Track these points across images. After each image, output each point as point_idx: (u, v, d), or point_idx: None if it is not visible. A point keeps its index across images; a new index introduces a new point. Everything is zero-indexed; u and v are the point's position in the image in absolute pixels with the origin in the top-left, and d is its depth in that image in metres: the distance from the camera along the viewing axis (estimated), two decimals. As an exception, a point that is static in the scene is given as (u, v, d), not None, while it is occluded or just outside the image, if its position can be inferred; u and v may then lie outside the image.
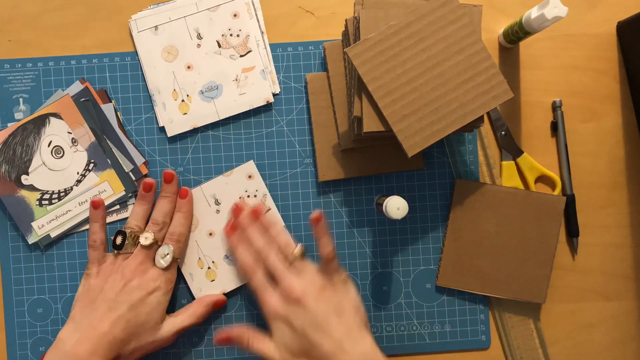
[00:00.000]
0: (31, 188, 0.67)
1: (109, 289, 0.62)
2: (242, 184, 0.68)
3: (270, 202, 0.69)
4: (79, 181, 0.67)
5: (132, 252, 0.65)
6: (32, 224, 0.67)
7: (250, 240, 0.65)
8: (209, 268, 0.68)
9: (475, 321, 0.70)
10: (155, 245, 0.65)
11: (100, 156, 0.67)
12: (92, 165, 0.67)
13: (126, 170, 0.68)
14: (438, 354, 0.70)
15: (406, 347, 0.70)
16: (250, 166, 0.68)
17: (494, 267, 0.68)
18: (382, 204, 0.60)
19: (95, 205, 0.66)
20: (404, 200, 0.58)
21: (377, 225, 0.70)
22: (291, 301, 0.60)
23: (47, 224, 0.67)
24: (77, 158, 0.67)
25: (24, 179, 0.67)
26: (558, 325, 0.71)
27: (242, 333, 0.63)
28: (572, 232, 0.70)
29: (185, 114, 0.68)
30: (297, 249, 0.63)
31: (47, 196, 0.67)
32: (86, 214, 0.68)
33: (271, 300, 0.61)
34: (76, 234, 0.68)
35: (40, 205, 0.67)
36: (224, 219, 0.68)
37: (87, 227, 0.68)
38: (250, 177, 0.68)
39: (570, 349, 0.71)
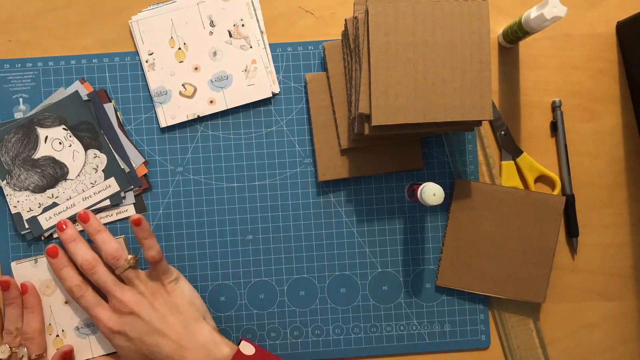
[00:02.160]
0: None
1: None
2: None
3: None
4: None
5: None
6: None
7: (75, 256, 0.64)
8: (57, 336, 0.67)
9: (475, 321, 0.70)
10: (15, 355, 0.64)
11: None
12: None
13: (121, 167, 0.68)
14: (438, 354, 0.70)
15: (406, 347, 0.70)
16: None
17: (493, 266, 0.68)
18: (415, 191, 0.60)
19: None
20: (440, 187, 0.58)
21: (377, 225, 0.70)
22: (124, 315, 0.61)
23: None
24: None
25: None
26: (558, 325, 0.71)
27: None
28: (572, 232, 0.70)
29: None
30: (128, 259, 0.62)
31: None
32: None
33: (103, 316, 0.62)
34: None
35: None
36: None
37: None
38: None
39: (570, 349, 0.71)
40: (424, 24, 0.60)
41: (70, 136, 0.67)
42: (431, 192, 0.58)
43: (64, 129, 0.67)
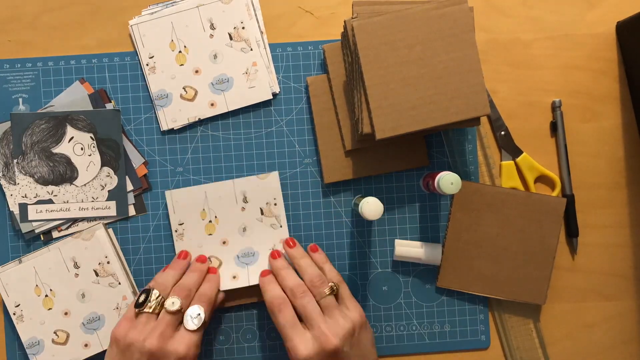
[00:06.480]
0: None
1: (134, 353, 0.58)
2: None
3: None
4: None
5: (157, 314, 0.60)
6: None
7: (286, 281, 0.63)
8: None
9: (475, 321, 0.70)
10: (179, 313, 0.60)
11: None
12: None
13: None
14: (438, 354, 0.70)
15: (406, 347, 0.70)
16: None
17: (494, 268, 0.68)
18: (431, 182, 0.61)
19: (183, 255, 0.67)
20: (457, 176, 0.59)
21: (377, 225, 0.70)
22: (326, 351, 0.57)
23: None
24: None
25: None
26: (558, 325, 0.71)
27: None
28: (572, 232, 0.70)
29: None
30: (331, 285, 0.62)
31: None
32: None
33: (302, 345, 0.58)
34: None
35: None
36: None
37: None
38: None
39: (570, 349, 0.71)
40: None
41: (93, 147, 0.68)
42: (448, 182, 0.59)
43: (91, 137, 0.68)
